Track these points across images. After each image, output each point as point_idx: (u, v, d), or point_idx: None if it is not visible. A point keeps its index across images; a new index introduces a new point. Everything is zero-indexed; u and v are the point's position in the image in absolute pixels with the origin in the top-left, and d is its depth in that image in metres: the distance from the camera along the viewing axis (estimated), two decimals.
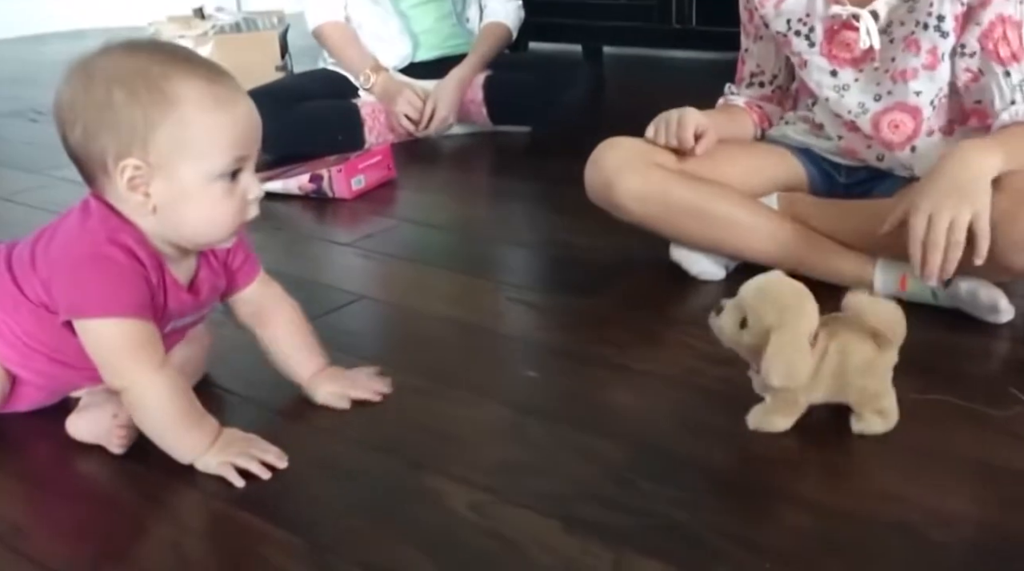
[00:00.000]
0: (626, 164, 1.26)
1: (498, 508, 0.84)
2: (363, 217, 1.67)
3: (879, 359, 0.90)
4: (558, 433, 0.95)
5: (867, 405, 0.91)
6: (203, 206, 0.88)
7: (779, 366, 0.88)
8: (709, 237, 1.27)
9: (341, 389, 1.02)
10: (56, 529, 0.84)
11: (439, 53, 2.15)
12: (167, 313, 0.91)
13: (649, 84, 2.79)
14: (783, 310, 0.88)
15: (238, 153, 0.88)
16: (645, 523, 0.81)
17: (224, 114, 0.86)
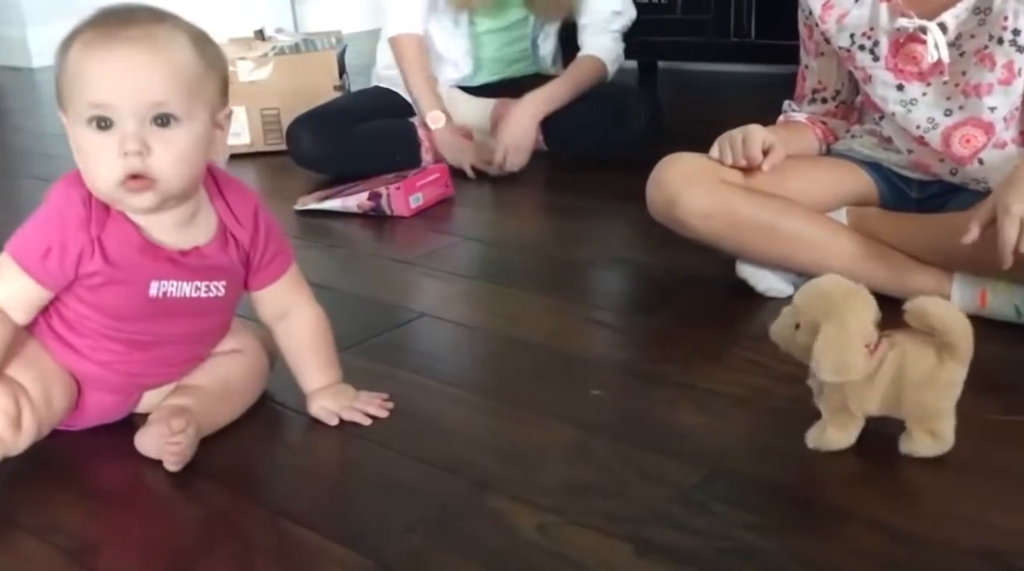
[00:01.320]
0: (690, 180, 1.24)
1: (565, 530, 0.82)
2: (422, 235, 1.68)
3: (940, 372, 0.85)
4: (625, 453, 0.93)
5: (920, 423, 0.87)
6: (80, 156, 0.87)
7: (828, 359, 0.85)
8: (776, 253, 1.24)
9: (336, 407, 1.00)
10: (125, 545, 0.84)
11: (499, 77, 2.14)
12: (120, 264, 0.89)
13: (707, 99, 2.76)
14: (831, 305, 0.86)
15: (95, 99, 0.83)
16: (718, 547, 0.79)
17: (88, 58, 0.84)
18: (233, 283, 0.98)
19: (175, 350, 0.98)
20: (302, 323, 1.03)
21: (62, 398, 0.95)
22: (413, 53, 1.99)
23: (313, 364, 1.02)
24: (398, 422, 1.02)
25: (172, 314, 0.94)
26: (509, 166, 1.96)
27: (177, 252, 0.92)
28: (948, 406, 0.87)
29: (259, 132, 2.26)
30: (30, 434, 0.92)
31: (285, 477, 0.94)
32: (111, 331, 0.94)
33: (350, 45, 2.49)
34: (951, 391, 0.86)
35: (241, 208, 0.97)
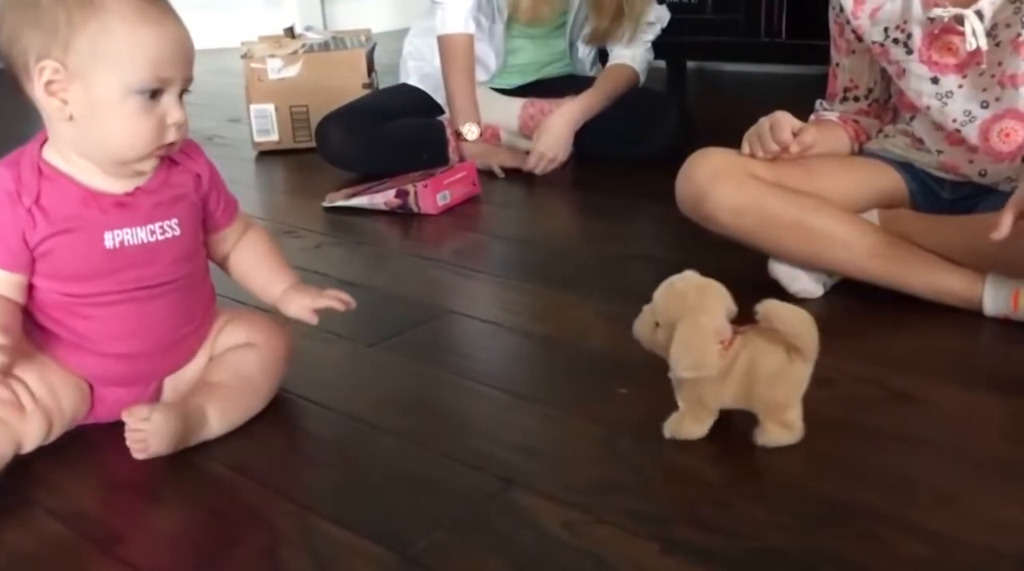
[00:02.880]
0: (720, 175, 1.23)
1: (592, 527, 0.81)
2: (449, 232, 1.68)
3: (789, 369, 0.89)
4: (652, 452, 0.93)
5: (771, 416, 0.91)
6: (116, 120, 0.88)
7: (684, 357, 0.89)
8: (806, 251, 1.23)
9: (310, 301, 1.03)
10: (153, 537, 0.85)
11: (531, 79, 2.14)
12: (67, 219, 0.90)
13: (737, 100, 2.74)
14: (686, 304, 0.90)
15: (158, 72, 0.87)
16: (747, 547, 0.78)
17: (147, 29, 0.86)
18: (187, 222, 0.97)
19: (157, 313, 0.97)
20: (257, 237, 1.07)
21: (71, 395, 0.96)
22: (461, 54, 1.95)
23: (276, 265, 1.06)
24: (425, 418, 1.02)
25: (135, 263, 0.94)
26: (539, 171, 1.96)
27: (121, 195, 0.93)
28: (795, 398, 0.91)
29: (288, 129, 2.27)
30: (37, 422, 0.92)
31: (311, 471, 0.95)
32: (81, 300, 0.94)
33: (379, 43, 2.50)
34: (799, 387, 0.91)
35: (189, 150, 0.98)
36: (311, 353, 1.18)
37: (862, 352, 1.11)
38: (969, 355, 1.13)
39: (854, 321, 1.21)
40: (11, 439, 0.91)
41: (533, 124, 2.04)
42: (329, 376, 1.13)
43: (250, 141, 2.29)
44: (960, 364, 1.09)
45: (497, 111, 2.06)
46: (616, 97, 2.01)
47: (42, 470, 0.94)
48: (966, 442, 0.93)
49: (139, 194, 0.93)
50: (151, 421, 0.91)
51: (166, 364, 1.01)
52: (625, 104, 2.01)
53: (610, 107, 2.00)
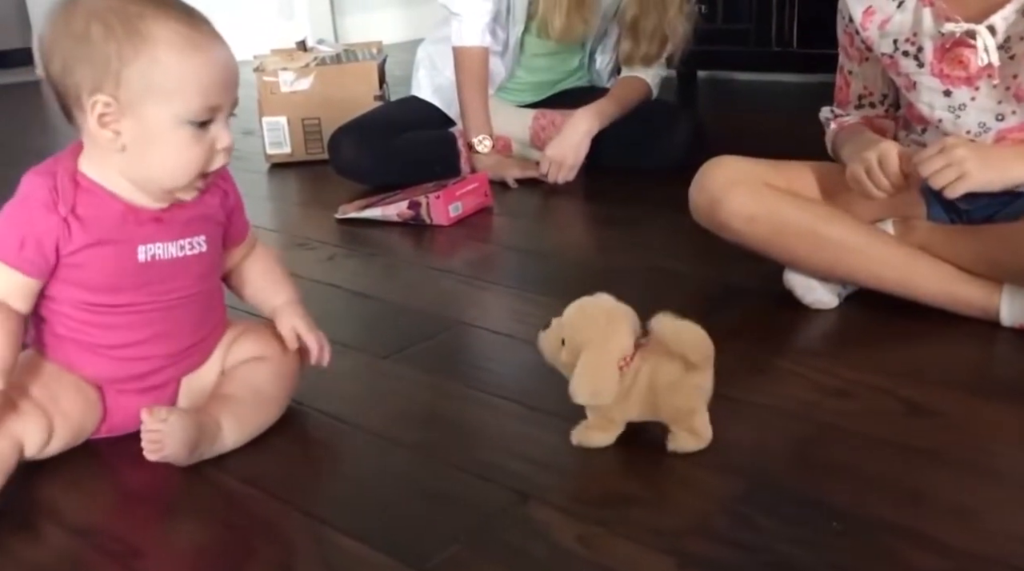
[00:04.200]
0: (733, 183, 1.23)
1: (606, 541, 0.81)
2: (461, 243, 1.68)
3: (686, 379, 0.91)
4: (666, 465, 0.92)
5: (679, 423, 0.93)
6: (168, 150, 0.89)
7: (584, 385, 0.91)
8: (822, 260, 1.22)
9: (304, 328, 1.04)
10: (168, 550, 0.85)
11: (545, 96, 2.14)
12: (104, 233, 0.91)
13: (749, 110, 2.74)
14: (594, 332, 0.92)
15: (209, 101, 0.88)
16: (763, 561, 0.78)
17: (197, 59, 0.87)
18: (212, 238, 0.99)
19: (177, 321, 0.98)
20: (264, 251, 1.09)
21: (74, 399, 0.96)
22: (476, 66, 1.95)
23: (280, 278, 1.08)
24: (439, 431, 1.02)
25: (162, 278, 0.95)
26: (552, 180, 1.96)
27: (158, 210, 0.94)
28: (697, 405, 0.93)
29: (300, 142, 2.28)
30: (35, 419, 0.92)
31: (325, 484, 0.95)
32: (106, 309, 0.94)
33: (390, 56, 2.51)
34: (699, 393, 0.93)
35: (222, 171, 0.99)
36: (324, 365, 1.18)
37: (878, 363, 1.11)
38: (986, 366, 1.13)
39: (870, 332, 1.20)
40: (10, 439, 0.91)
41: (544, 135, 2.04)
42: (342, 388, 1.13)
43: (263, 154, 2.30)
44: (977, 375, 1.08)
45: (508, 122, 2.07)
46: (629, 107, 2.01)
47: (56, 483, 0.95)
48: (984, 454, 0.92)
49: (174, 210, 0.95)
50: (168, 423, 0.91)
51: (181, 368, 1.02)
52: (637, 114, 2.01)
53: (622, 117, 2.00)
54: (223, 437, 0.96)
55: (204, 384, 1.02)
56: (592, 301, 0.95)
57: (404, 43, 4.00)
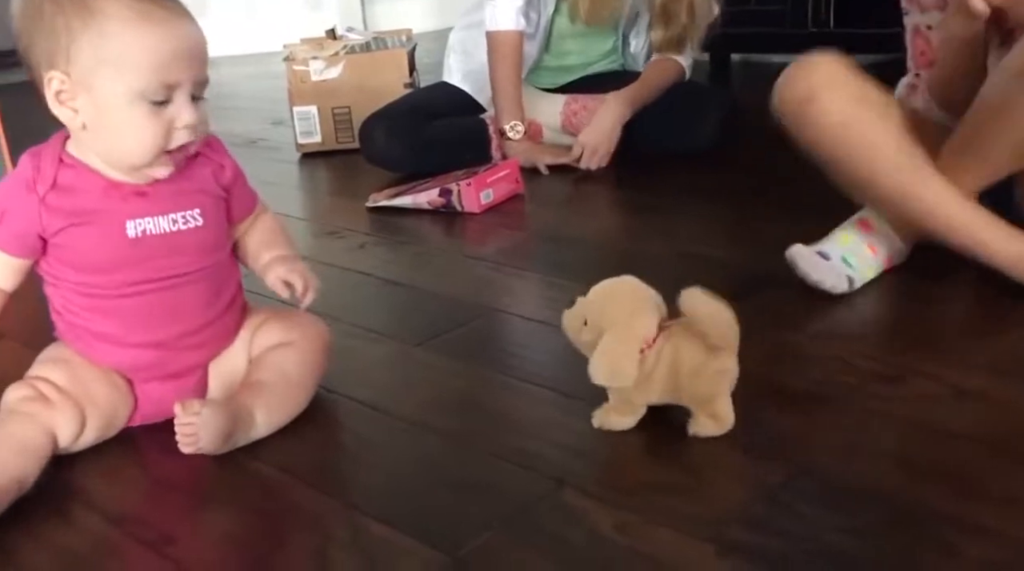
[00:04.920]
0: (836, 81, 1.17)
1: (645, 529, 0.79)
2: (493, 230, 1.67)
3: (709, 362, 0.90)
4: (704, 452, 0.90)
5: (700, 407, 0.91)
6: (124, 127, 0.87)
7: (603, 366, 0.90)
8: (896, 186, 1.16)
9: (284, 271, 1.01)
10: (202, 537, 0.85)
11: (576, 77, 2.12)
12: (87, 208, 0.91)
13: None
14: (618, 315, 0.91)
15: (163, 77, 0.85)
16: (805, 549, 0.76)
17: (149, 32, 0.84)
18: (210, 213, 0.97)
19: (183, 301, 0.97)
20: (265, 218, 1.07)
21: (105, 388, 0.96)
22: (508, 51, 1.93)
23: (274, 240, 1.05)
24: (472, 418, 1.01)
25: (158, 253, 0.94)
26: (586, 166, 1.93)
27: (142, 184, 0.93)
28: (719, 389, 0.91)
29: (331, 131, 2.28)
30: (67, 410, 0.93)
31: (359, 471, 0.94)
32: (105, 293, 0.94)
33: (419, 43, 2.49)
34: (722, 378, 0.91)
35: (212, 144, 0.98)
36: (356, 353, 1.18)
37: (923, 348, 1.08)
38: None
39: (922, 317, 1.17)
40: (43, 430, 0.91)
41: (576, 120, 2.02)
42: (375, 376, 1.13)
43: (294, 143, 2.30)
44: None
45: (539, 108, 2.05)
46: (662, 91, 1.98)
47: (91, 471, 0.95)
48: None
49: (158, 184, 0.93)
50: (202, 415, 0.90)
51: (201, 353, 1.01)
52: (669, 98, 1.98)
53: (654, 101, 1.97)
54: (256, 424, 0.96)
55: (233, 371, 1.02)
56: (618, 282, 0.94)
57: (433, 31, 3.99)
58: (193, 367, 1.01)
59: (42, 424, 0.92)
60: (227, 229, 1.01)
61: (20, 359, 1.02)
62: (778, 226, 1.52)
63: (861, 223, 1.26)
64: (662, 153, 1.96)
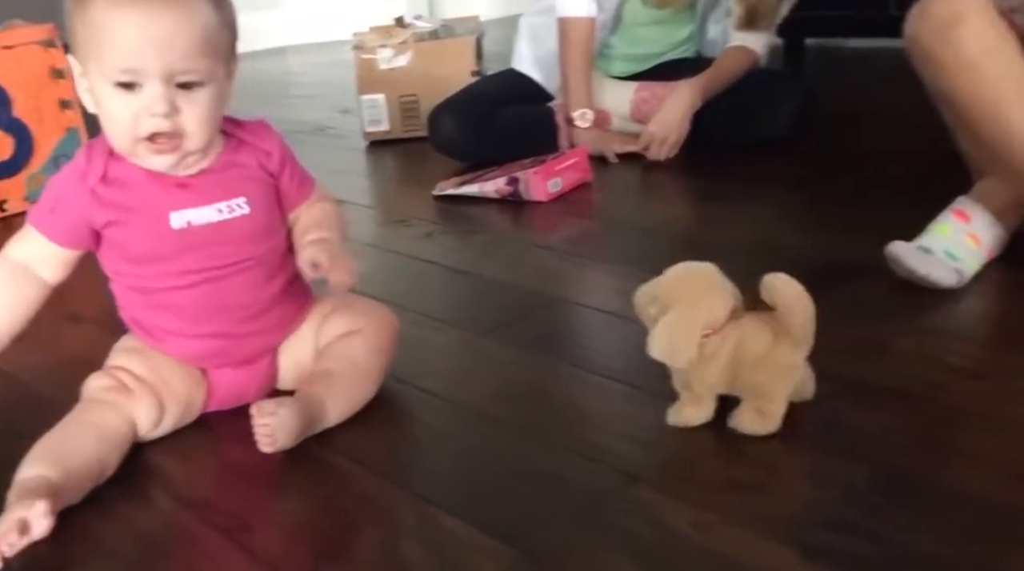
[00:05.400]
0: (980, 7, 1.12)
1: (723, 529, 0.77)
2: (560, 220, 1.65)
3: (774, 353, 0.87)
4: (785, 451, 0.87)
5: (751, 400, 0.89)
6: (103, 111, 0.88)
7: (661, 340, 0.88)
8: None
9: (314, 252, 0.95)
10: (274, 525, 0.85)
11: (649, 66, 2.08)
12: (132, 200, 0.91)
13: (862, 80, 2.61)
14: (685, 294, 0.89)
15: (125, 62, 0.84)
16: (892, 553, 0.72)
17: (115, 17, 0.84)
18: (258, 200, 0.96)
19: (238, 289, 0.96)
20: (320, 204, 1.03)
21: (181, 377, 0.97)
22: (580, 38, 1.90)
23: (319, 224, 1.01)
24: (541, 409, 0.99)
25: (206, 243, 0.93)
26: (654, 156, 1.90)
27: (184, 177, 0.93)
28: (781, 388, 0.88)
29: (398, 119, 2.28)
30: (146, 399, 0.94)
31: (427, 462, 0.93)
32: (158, 285, 0.94)
33: (487, 31, 2.48)
34: (786, 373, 0.88)
35: (257, 131, 0.98)
36: (424, 342, 1.17)
37: (1012, 342, 1.03)
38: None
39: (1014, 311, 1.12)
40: (124, 419, 0.93)
41: (646, 108, 1.98)
42: (443, 366, 1.12)
43: (361, 131, 2.31)
44: None
45: (608, 95, 2.02)
46: (735, 79, 1.93)
47: (168, 456, 0.96)
48: None
49: (203, 175, 0.94)
50: (278, 416, 0.90)
51: (266, 338, 1.01)
52: (742, 84, 1.93)
53: (726, 90, 1.93)
54: (327, 413, 0.96)
55: (302, 357, 1.02)
56: (695, 265, 0.92)
57: (501, 19, 3.97)
58: (261, 352, 1.01)
59: (123, 413, 0.93)
60: (279, 215, 1.00)
61: (99, 343, 1.04)
62: (856, 215, 1.47)
63: (957, 213, 1.21)
64: (735, 141, 1.91)
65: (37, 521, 0.79)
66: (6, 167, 1.94)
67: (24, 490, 0.82)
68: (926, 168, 1.30)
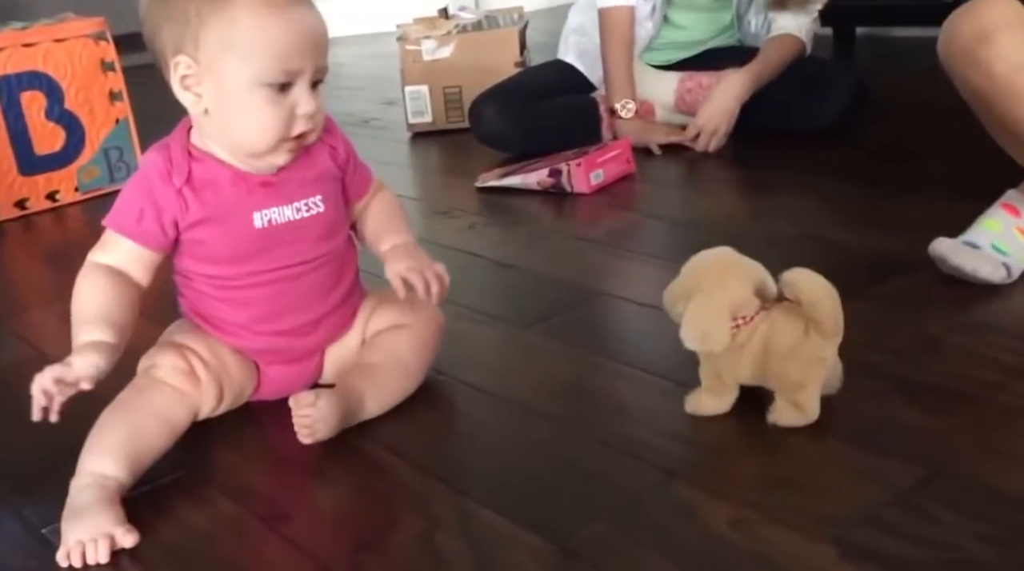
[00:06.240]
0: (1012, 22, 1.09)
1: (764, 528, 0.76)
2: (603, 212, 1.63)
3: (805, 345, 0.87)
4: (828, 449, 0.86)
5: (784, 394, 0.88)
6: (246, 113, 0.87)
7: (693, 327, 0.88)
8: None
9: (404, 267, 0.97)
10: (315, 516, 0.86)
11: (689, 54, 2.05)
12: (217, 201, 0.92)
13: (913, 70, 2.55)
14: (705, 278, 0.89)
15: (285, 64, 0.86)
16: (941, 557, 0.71)
17: (274, 20, 0.85)
18: (330, 197, 0.98)
19: (308, 288, 0.97)
20: (382, 198, 1.05)
21: (240, 367, 0.98)
22: (620, 28, 1.88)
23: (390, 224, 1.03)
24: (582, 404, 0.99)
25: (283, 242, 0.95)
26: (702, 148, 1.87)
27: (267, 175, 0.93)
28: (812, 379, 0.87)
29: (441, 110, 2.28)
30: (211, 390, 0.95)
31: (467, 455, 0.93)
32: (233, 283, 0.95)
33: (531, 22, 2.47)
34: (816, 365, 0.87)
35: (326, 127, 0.97)
36: (466, 335, 1.17)
37: None
38: None
39: None
40: (189, 408, 0.94)
41: (690, 99, 1.95)
42: (485, 358, 1.12)
43: (405, 123, 2.32)
44: None
45: (652, 86, 1.99)
46: (783, 68, 1.89)
47: (212, 447, 0.97)
48: None
49: (283, 174, 0.94)
50: (317, 407, 0.91)
51: (323, 337, 1.02)
52: (792, 74, 1.89)
53: (774, 80, 1.89)
54: (366, 406, 0.97)
55: (347, 354, 1.03)
56: (710, 251, 0.92)
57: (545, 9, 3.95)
58: (314, 351, 1.02)
59: (191, 404, 0.94)
60: (344, 211, 1.02)
61: (145, 334, 1.05)
62: (908, 208, 1.44)
63: (1007, 207, 1.17)
64: (784, 131, 1.88)
65: (124, 539, 0.81)
66: (57, 158, 1.98)
67: (100, 487, 0.84)
68: (976, 161, 1.26)
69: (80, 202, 2.01)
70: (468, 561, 0.76)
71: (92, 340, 0.87)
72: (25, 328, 1.36)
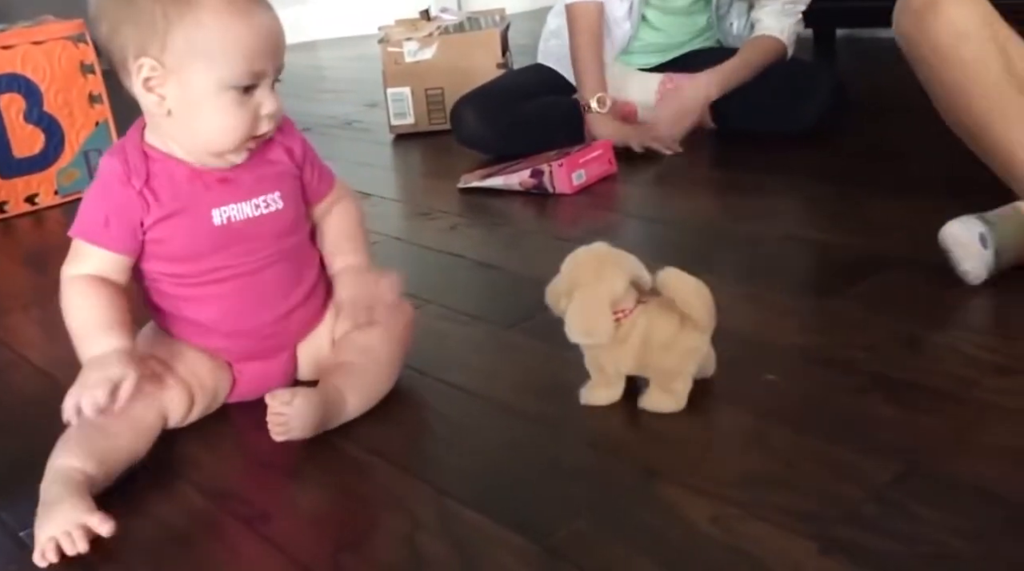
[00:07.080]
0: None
1: (744, 524, 0.76)
2: (585, 212, 1.64)
3: (681, 338, 0.92)
4: (807, 445, 0.86)
5: (659, 382, 0.93)
6: (211, 114, 0.88)
7: (577, 323, 0.92)
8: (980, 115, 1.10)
9: (349, 300, 0.99)
10: (294, 516, 0.86)
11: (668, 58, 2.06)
12: (176, 199, 0.92)
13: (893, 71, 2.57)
14: (584, 274, 0.93)
15: (252, 66, 0.87)
16: (917, 551, 0.71)
17: (239, 23, 0.86)
18: (289, 195, 0.98)
19: (268, 284, 0.98)
20: (344, 208, 1.05)
21: (211, 369, 0.98)
22: (588, 24, 1.89)
23: (347, 239, 1.04)
24: (563, 403, 0.99)
25: (242, 238, 0.95)
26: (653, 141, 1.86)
27: (223, 170, 0.94)
28: (687, 369, 0.93)
29: (423, 112, 2.28)
30: (179, 394, 0.95)
31: (450, 455, 0.93)
32: (192, 281, 0.95)
33: (513, 23, 2.47)
34: (692, 354, 0.93)
35: (281, 126, 0.98)
36: (448, 335, 1.17)
37: None
38: None
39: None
40: (156, 410, 0.94)
41: None
42: (465, 358, 1.12)
43: (387, 125, 2.32)
44: None
45: (635, 87, 2.00)
46: (759, 69, 1.90)
47: (189, 447, 0.97)
48: None
49: (239, 170, 0.95)
50: (293, 405, 0.91)
51: (293, 331, 1.02)
52: (771, 74, 1.90)
53: (756, 78, 1.90)
54: (348, 407, 0.96)
55: (319, 351, 1.03)
56: (585, 248, 0.96)
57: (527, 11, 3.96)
58: (285, 346, 1.02)
59: (155, 405, 0.94)
60: (304, 210, 1.02)
61: None
62: (888, 208, 1.45)
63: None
64: (764, 133, 1.89)
65: (100, 527, 0.80)
66: (37, 161, 1.97)
67: (67, 480, 0.84)
68: (955, 161, 1.27)
69: (60, 205, 2.00)
70: (450, 561, 0.76)
71: (113, 348, 0.89)
72: (4, 331, 1.35)
